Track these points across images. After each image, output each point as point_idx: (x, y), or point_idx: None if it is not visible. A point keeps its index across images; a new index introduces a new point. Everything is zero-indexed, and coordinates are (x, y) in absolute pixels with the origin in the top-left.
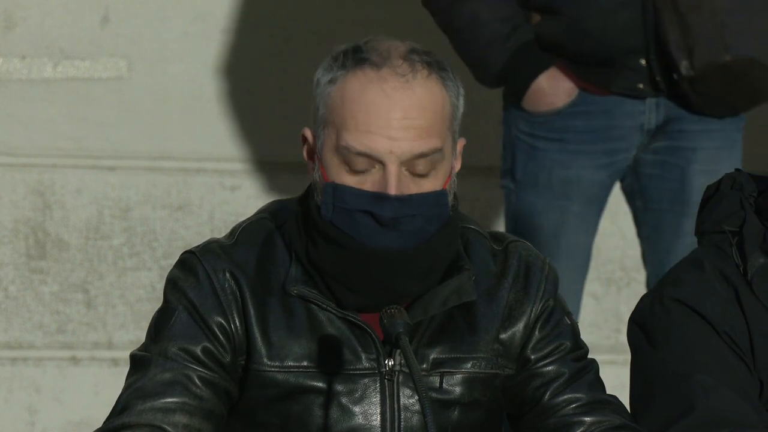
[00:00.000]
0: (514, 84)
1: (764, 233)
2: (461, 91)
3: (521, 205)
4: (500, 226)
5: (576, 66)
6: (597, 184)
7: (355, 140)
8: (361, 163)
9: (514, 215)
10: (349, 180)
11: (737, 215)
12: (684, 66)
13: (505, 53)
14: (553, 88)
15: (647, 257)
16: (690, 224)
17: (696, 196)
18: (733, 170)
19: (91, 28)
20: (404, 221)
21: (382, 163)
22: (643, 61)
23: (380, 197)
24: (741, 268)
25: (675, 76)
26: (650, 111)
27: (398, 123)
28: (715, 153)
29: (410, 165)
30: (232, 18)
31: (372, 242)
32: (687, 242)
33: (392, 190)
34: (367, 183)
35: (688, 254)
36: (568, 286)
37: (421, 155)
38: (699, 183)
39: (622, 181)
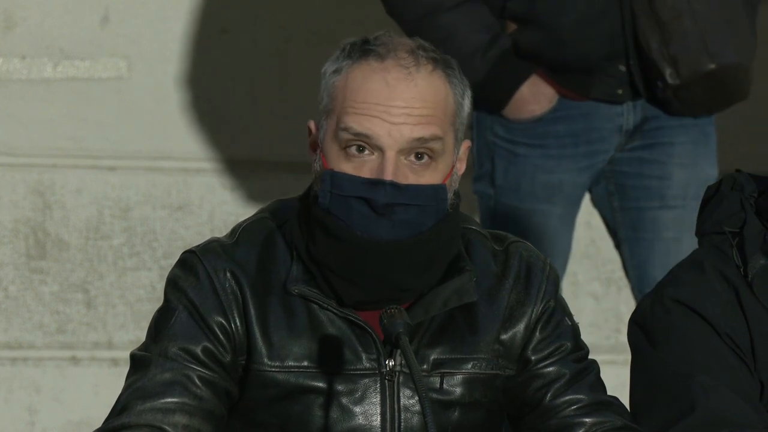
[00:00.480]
0: (495, 94)
1: (764, 234)
2: (468, 92)
3: (502, 210)
4: None
5: (554, 73)
6: (579, 187)
7: (354, 121)
8: (359, 146)
9: (493, 219)
10: (347, 167)
11: (738, 216)
12: (669, 74)
13: (485, 64)
14: (535, 96)
15: (628, 262)
16: (668, 217)
17: (674, 189)
18: (708, 163)
19: (91, 28)
20: (398, 210)
21: (380, 150)
22: (622, 67)
23: (375, 182)
24: (741, 270)
25: (659, 83)
26: (628, 113)
27: (398, 111)
28: (692, 147)
29: (409, 153)
30: (232, 18)
31: (366, 231)
32: (666, 237)
33: (388, 176)
34: (365, 170)
35: (688, 255)
36: None
37: (420, 140)
38: (677, 177)
39: (590, 191)
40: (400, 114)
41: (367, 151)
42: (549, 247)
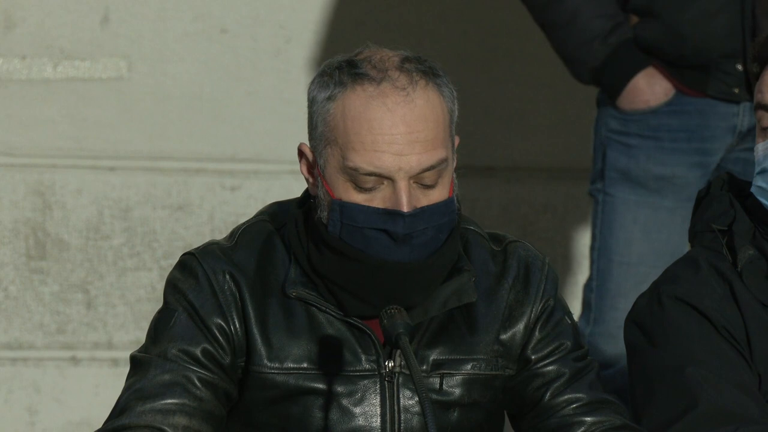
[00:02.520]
0: (611, 81)
1: (754, 231)
2: (455, 94)
3: (610, 203)
4: (499, 227)
5: (672, 68)
6: (690, 183)
7: (363, 161)
8: (369, 181)
9: (602, 213)
10: (358, 197)
11: (727, 214)
12: None
13: (604, 50)
14: (651, 87)
15: None
16: None
17: None
18: None
19: (91, 28)
20: (417, 235)
21: (390, 179)
22: (739, 66)
23: (393, 214)
24: (732, 263)
25: None
26: (744, 114)
27: (403, 138)
28: None
29: (418, 178)
30: (232, 18)
31: (385, 257)
32: None
33: (404, 208)
34: (377, 200)
35: (683, 254)
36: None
37: (429, 168)
38: None
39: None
40: (405, 142)
41: (376, 181)
42: (656, 242)
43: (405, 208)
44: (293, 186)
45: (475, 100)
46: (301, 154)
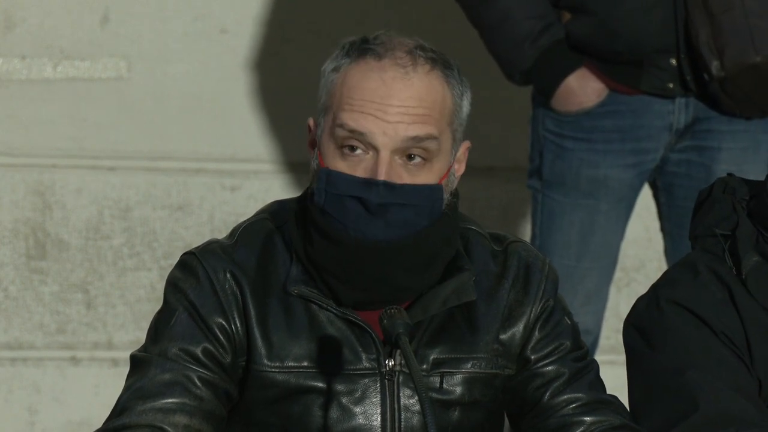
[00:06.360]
0: (543, 83)
1: (757, 236)
2: (467, 92)
3: (548, 204)
4: (499, 226)
5: (605, 65)
6: (625, 184)
7: (349, 118)
8: (353, 142)
9: (540, 214)
10: (343, 166)
11: (730, 219)
12: (715, 66)
13: (535, 51)
14: (583, 88)
15: (669, 253)
16: None
17: None
18: (757, 170)
19: (91, 28)
20: (393, 210)
21: (375, 150)
22: (673, 61)
23: (369, 182)
24: (734, 269)
25: (705, 76)
26: (679, 111)
27: (394, 109)
28: (740, 153)
29: (404, 152)
30: (232, 18)
31: (360, 231)
32: None
33: (381, 176)
34: (359, 169)
35: (682, 257)
36: (594, 286)
37: (415, 139)
38: None
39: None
40: (395, 113)
41: (361, 150)
42: (592, 244)
43: (381, 177)
44: (293, 186)
45: (475, 100)
46: (309, 129)
